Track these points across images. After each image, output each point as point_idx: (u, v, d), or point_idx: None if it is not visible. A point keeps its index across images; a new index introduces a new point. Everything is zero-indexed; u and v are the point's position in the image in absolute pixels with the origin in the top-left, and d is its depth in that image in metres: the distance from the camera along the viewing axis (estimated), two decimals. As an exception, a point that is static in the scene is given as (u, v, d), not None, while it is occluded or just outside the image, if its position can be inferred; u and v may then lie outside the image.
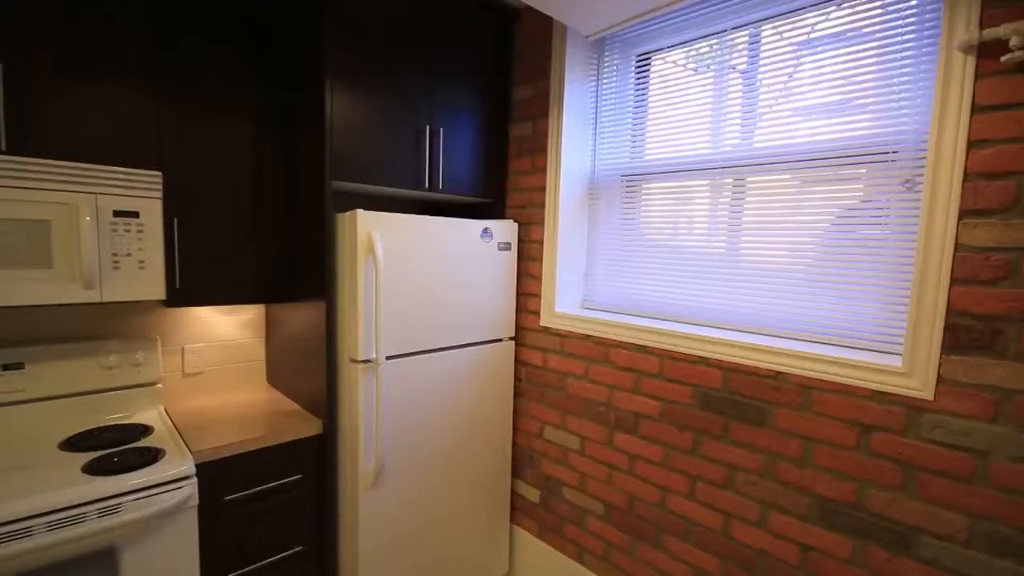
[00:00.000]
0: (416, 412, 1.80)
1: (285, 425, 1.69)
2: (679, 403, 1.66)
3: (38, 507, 1.21)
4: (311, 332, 1.77)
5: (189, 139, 1.62)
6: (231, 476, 1.55)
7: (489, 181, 2.10)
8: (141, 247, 1.50)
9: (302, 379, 1.86)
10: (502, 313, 2.06)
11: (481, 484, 2.06)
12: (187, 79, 1.61)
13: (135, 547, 1.35)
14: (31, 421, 1.59)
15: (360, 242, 1.59)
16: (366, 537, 1.70)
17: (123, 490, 1.31)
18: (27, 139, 1.34)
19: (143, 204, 1.50)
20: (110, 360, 1.70)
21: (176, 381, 1.94)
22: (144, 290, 1.52)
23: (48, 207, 1.36)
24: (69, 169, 1.38)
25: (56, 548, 1.24)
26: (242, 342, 2.08)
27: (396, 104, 1.77)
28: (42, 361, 1.59)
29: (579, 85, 1.98)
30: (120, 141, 1.49)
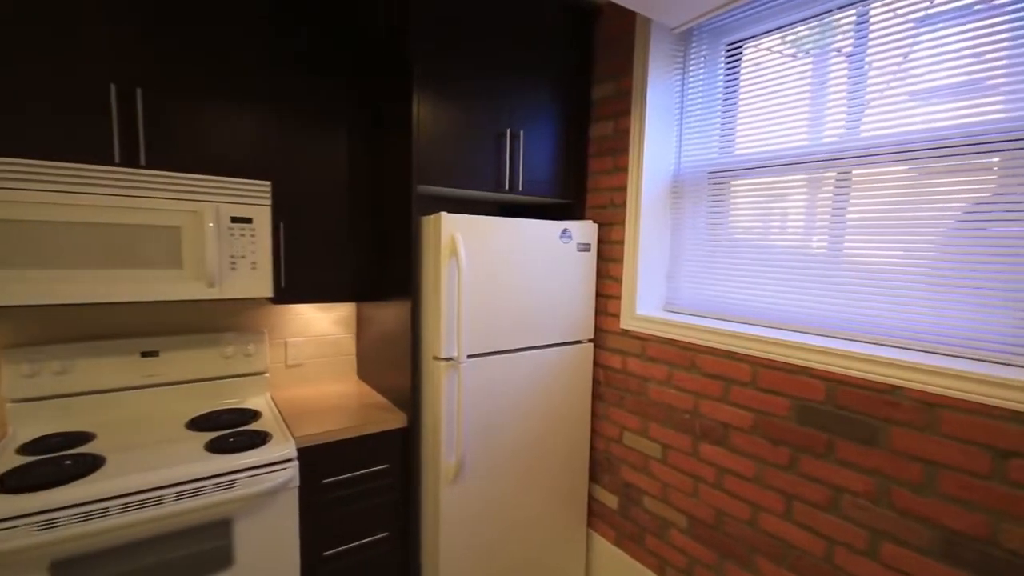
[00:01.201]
0: (495, 411, 1.83)
1: (374, 417, 1.79)
2: (774, 415, 1.54)
3: (170, 478, 1.38)
4: (398, 330, 1.86)
5: (293, 151, 1.77)
6: (327, 461, 1.67)
7: (568, 182, 2.09)
8: (253, 249, 1.66)
9: (389, 374, 1.97)
10: (581, 315, 2.04)
11: (558, 486, 2.05)
12: (292, 98, 1.76)
13: (246, 519, 1.49)
14: (164, 402, 1.82)
15: (444, 243, 1.64)
16: (447, 530, 1.76)
17: (238, 468, 1.46)
18: (162, 155, 1.54)
19: (255, 211, 1.66)
20: (227, 351, 1.90)
21: (280, 371, 2.12)
22: (255, 288, 1.68)
23: (179, 215, 1.55)
24: (197, 181, 1.56)
25: (182, 516, 1.40)
26: (336, 338, 2.24)
27: (478, 109, 1.81)
28: (173, 350, 1.81)
29: (663, 80, 1.91)
30: (237, 155, 1.65)
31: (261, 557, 1.53)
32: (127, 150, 1.47)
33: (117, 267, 1.46)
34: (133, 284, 1.49)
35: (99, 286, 1.45)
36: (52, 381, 1.62)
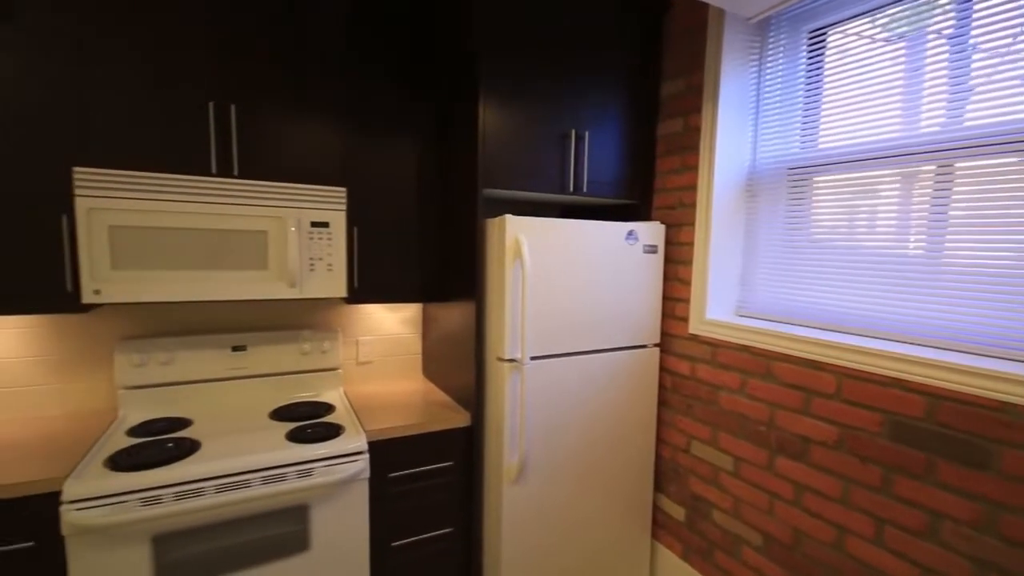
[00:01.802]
0: (558, 413, 1.82)
1: (438, 415, 1.84)
2: (863, 431, 1.42)
3: (256, 464, 1.48)
4: (462, 330, 1.90)
5: (366, 158, 1.86)
6: (394, 455, 1.73)
7: (634, 182, 2.04)
8: (330, 252, 1.76)
9: (453, 373, 2.01)
10: (647, 319, 1.99)
11: (621, 494, 2.00)
12: (364, 107, 1.84)
13: (321, 506, 1.58)
14: (250, 393, 1.96)
15: (508, 246, 1.66)
16: (509, 529, 1.77)
17: (315, 457, 1.55)
18: (251, 165, 1.66)
19: (332, 216, 1.75)
20: (304, 347, 2.02)
21: (351, 368, 2.23)
22: (332, 289, 1.78)
23: (266, 220, 1.67)
24: (281, 189, 1.67)
25: (266, 500, 1.50)
26: (403, 337, 2.32)
27: (542, 111, 1.81)
28: (258, 345, 1.95)
29: (737, 73, 1.83)
30: (315, 163, 1.76)
31: (334, 543, 1.61)
32: (223, 162, 1.61)
33: (213, 268, 1.60)
34: (226, 284, 1.62)
35: (199, 285, 1.59)
36: (158, 371, 1.80)
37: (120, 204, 1.47)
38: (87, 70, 1.45)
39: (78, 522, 1.28)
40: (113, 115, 1.48)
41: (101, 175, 1.45)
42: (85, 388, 1.80)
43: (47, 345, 1.73)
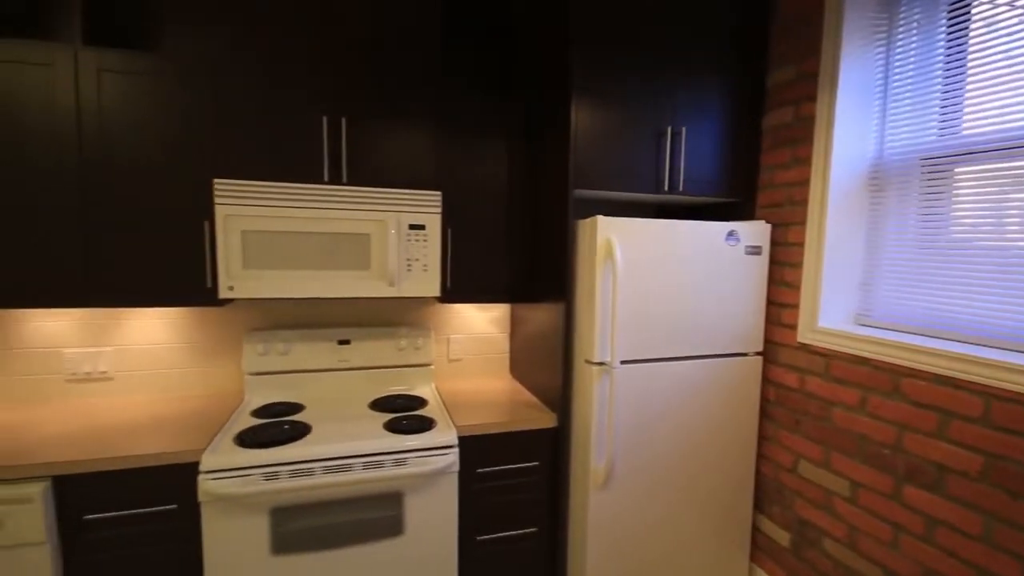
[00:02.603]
0: (648, 420, 1.76)
1: (525, 415, 1.85)
2: (1017, 462, 1.21)
3: (358, 449, 1.60)
4: (550, 331, 1.90)
5: (459, 162, 1.92)
6: (482, 451, 1.77)
7: (735, 179, 1.92)
8: (425, 253, 1.85)
9: (540, 374, 2.02)
10: (748, 325, 1.85)
11: (716, 510, 1.89)
12: (458, 113, 1.90)
13: (414, 495, 1.66)
14: (352, 384, 2.11)
15: (599, 247, 1.63)
16: (594, 535, 1.74)
17: (410, 447, 1.64)
18: (357, 173, 1.79)
19: (428, 219, 1.84)
20: (401, 343, 2.14)
21: (442, 365, 2.32)
22: (426, 288, 1.87)
23: (369, 223, 1.79)
24: (383, 194, 1.78)
25: (365, 484, 1.61)
26: (491, 336, 2.37)
27: (637, 108, 1.76)
28: (361, 339, 2.10)
29: (860, 55, 1.64)
30: (413, 169, 1.85)
31: (426, 531, 1.68)
32: (333, 170, 1.75)
33: (324, 268, 1.75)
34: (335, 282, 1.77)
35: (313, 283, 1.74)
36: (277, 360, 2.00)
37: (250, 211, 1.66)
38: (221, 93, 1.65)
39: (212, 490, 1.46)
40: (243, 131, 1.67)
41: (236, 185, 1.64)
42: (219, 372, 2.04)
43: (191, 334, 2.00)
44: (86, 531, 1.44)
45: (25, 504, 1.36)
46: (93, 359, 1.90)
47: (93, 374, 1.90)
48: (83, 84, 1.54)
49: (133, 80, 1.58)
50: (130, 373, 1.94)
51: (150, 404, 1.88)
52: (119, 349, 1.93)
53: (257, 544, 1.53)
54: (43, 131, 1.52)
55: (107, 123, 1.57)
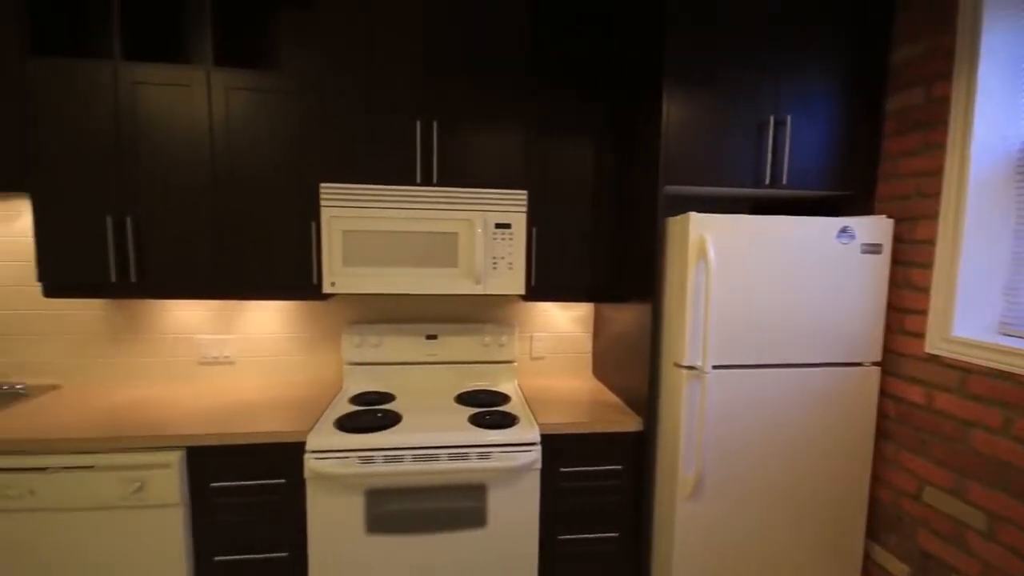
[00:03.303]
0: (744, 430, 1.64)
1: (608, 416, 1.81)
2: None
3: (445, 441, 1.65)
4: (636, 332, 1.84)
5: (545, 161, 1.92)
6: (565, 451, 1.76)
7: (850, 170, 1.73)
8: (511, 252, 1.87)
9: (625, 376, 1.96)
10: (863, 332, 1.67)
11: (821, 535, 1.73)
12: (544, 112, 1.90)
13: (497, 488, 1.69)
14: (439, 378, 2.20)
15: (691, 245, 1.55)
16: (682, 548, 1.66)
17: (494, 442, 1.67)
18: (447, 174, 1.85)
19: (514, 218, 1.86)
20: (485, 339, 2.18)
21: (525, 362, 2.34)
22: (511, 286, 1.89)
23: (457, 223, 1.84)
24: (471, 194, 1.83)
25: (451, 474, 1.66)
26: (574, 335, 2.35)
27: (735, 99, 1.65)
28: (447, 335, 2.18)
29: (1005, 25, 1.42)
30: (500, 168, 1.88)
31: (507, 525, 1.71)
32: (425, 172, 1.83)
33: (415, 266, 1.83)
34: (424, 279, 1.84)
35: (404, 280, 1.83)
36: (371, 352, 2.13)
37: (351, 212, 1.78)
38: (327, 104, 1.78)
39: (315, 469, 1.59)
40: (346, 138, 1.79)
41: (339, 189, 1.77)
42: (322, 361, 2.22)
43: (298, 325, 2.19)
44: (212, 497, 1.63)
45: (164, 469, 1.57)
46: (219, 345, 2.14)
47: (219, 358, 2.15)
48: (215, 101, 1.73)
49: (255, 96, 1.76)
50: (249, 359, 2.17)
51: (264, 387, 2.09)
52: (240, 337, 2.16)
53: (353, 522, 1.64)
54: (185, 143, 1.74)
55: (233, 135, 1.76)
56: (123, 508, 1.57)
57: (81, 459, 1.54)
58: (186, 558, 1.61)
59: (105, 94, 1.69)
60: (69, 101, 1.68)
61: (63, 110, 1.68)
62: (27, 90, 1.66)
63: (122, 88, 1.69)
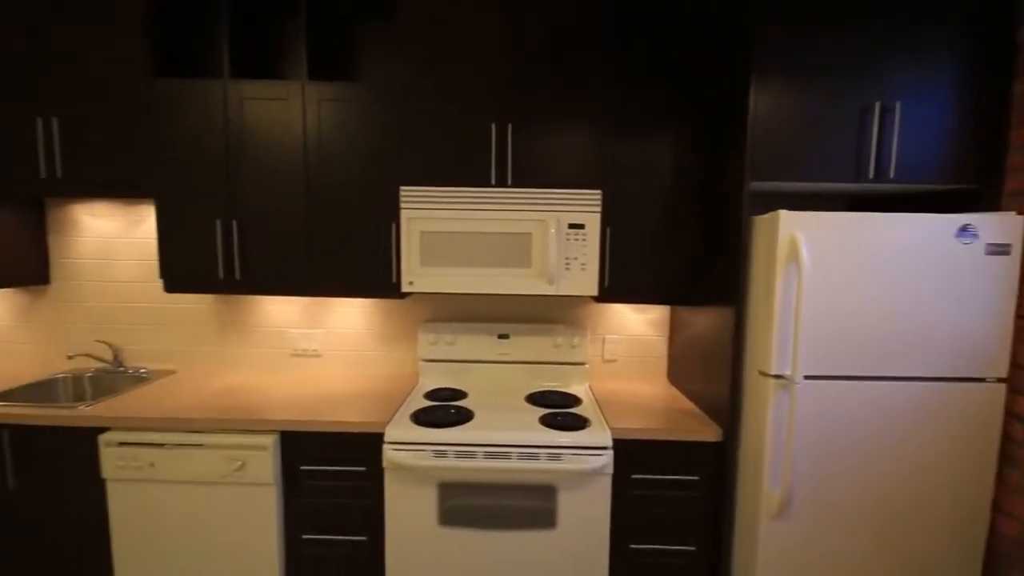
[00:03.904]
0: (839, 449, 1.51)
1: (684, 424, 1.74)
2: None
3: (516, 440, 1.67)
4: (716, 338, 1.75)
5: (621, 160, 1.88)
6: (637, 457, 1.71)
7: (971, 161, 1.55)
8: (584, 252, 1.85)
9: (703, 383, 1.87)
10: (986, 343, 1.48)
11: (927, 568, 1.55)
12: (621, 110, 1.86)
13: (567, 491, 1.68)
14: (510, 377, 2.22)
15: (781, 245, 1.45)
16: (765, 569, 1.56)
17: (565, 444, 1.66)
18: (522, 175, 1.87)
19: (587, 218, 1.84)
20: (557, 340, 2.18)
21: (596, 364, 2.30)
22: (584, 287, 1.87)
23: (531, 223, 1.85)
24: (545, 194, 1.83)
25: (521, 473, 1.67)
26: (648, 339, 2.28)
27: (833, 84, 1.53)
28: (519, 335, 2.19)
29: None
30: (574, 168, 1.87)
31: (577, 528, 1.69)
32: (500, 173, 1.86)
33: (489, 266, 1.86)
34: (498, 279, 1.87)
35: (479, 280, 1.87)
36: (445, 349, 2.20)
37: (428, 214, 1.84)
38: (407, 110, 1.85)
39: (392, 459, 1.66)
40: (424, 142, 1.86)
41: (417, 191, 1.84)
42: (397, 356, 2.32)
43: (378, 322, 2.30)
44: (301, 479, 1.75)
45: (261, 451, 1.71)
46: (308, 339, 2.30)
47: (308, 351, 2.31)
48: (308, 112, 1.87)
49: (342, 106, 1.87)
50: (333, 352, 2.31)
51: (346, 379, 2.22)
52: (326, 332, 2.30)
53: (427, 513, 1.69)
54: (282, 152, 1.89)
55: (323, 143, 1.88)
56: (226, 484, 1.73)
57: (192, 438, 1.72)
58: (278, 533, 1.75)
59: (216, 109, 1.87)
60: (186, 117, 1.88)
61: (181, 125, 1.88)
62: (152, 108, 1.88)
63: (231, 104, 1.87)
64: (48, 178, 1.92)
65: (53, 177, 1.92)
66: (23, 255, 2.17)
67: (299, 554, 1.77)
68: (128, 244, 2.26)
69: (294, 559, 1.78)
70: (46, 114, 1.89)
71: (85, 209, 2.26)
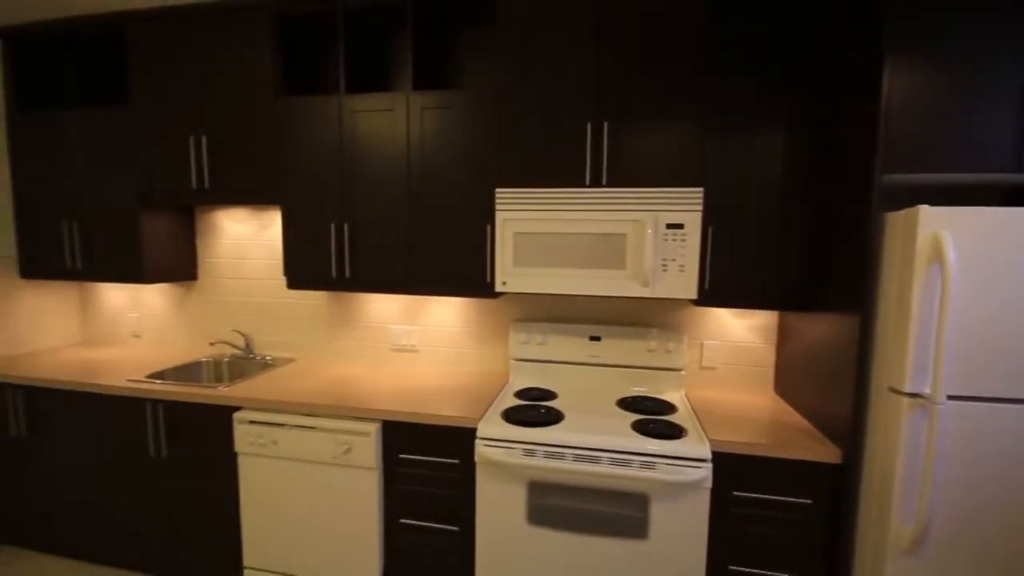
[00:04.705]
0: (991, 482, 1.29)
1: (795, 441, 1.59)
2: None
3: (607, 444, 1.63)
4: (835, 347, 1.58)
5: (724, 155, 1.77)
6: (739, 473, 1.60)
7: None
8: (683, 253, 1.76)
9: (817, 397, 1.70)
10: None
11: (1120, 637, 1.27)
12: (726, 103, 1.74)
13: (661, 501, 1.61)
14: (601, 380, 2.17)
15: (921, 245, 1.27)
16: (893, 611, 1.37)
17: (659, 452, 1.59)
18: (617, 174, 1.82)
19: (687, 217, 1.75)
20: (650, 344, 2.10)
21: (693, 371, 2.18)
22: (681, 290, 1.78)
23: (626, 223, 1.80)
24: (642, 194, 1.77)
25: (610, 478, 1.63)
26: (752, 346, 2.12)
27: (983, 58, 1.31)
28: (611, 337, 2.14)
29: None
30: (673, 166, 1.78)
31: (671, 542, 1.61)
32: (595, 173, 1.83)
33: (582, 267, 1.84)
34: (591, 281, 1.84)
35: (571, 281, 1.86)
36: (535, 349, 2.21)
37: (522, 215, 1.87)
38: (503, 115, 1.89)
39: (484, 454, 1.70)
40: (517, 146, 1.89)
41: (512, 193, 1.87)
42: (490, 354, 2.37)
43: (471, 320, 2.37)
44: (399, 466, 1.85)
45: (365, 437, 1.84)
46: (407, 334, 2.44)
47: (407, 346, 2.44)
48: (412, 121, 1.98)
49: (443, 113, 1.95)
50: (430, 348, 2.43)
51: (441, 375, 2.31)
52: (423, 329, 2.42)
53: (516, 510, 1.71)
54: (388, 159, 2.02)
55: (424, 149, 1.98)
56: (335, 465, 1.88)
57: (308, 420, 1.89)
58: (378, 515, 1.87)
59: (332, 123, 2.05)
60: (307, 130, 2.08)
61: (302, 137, 2.08)
62: (279, 124, 2.10)
63: (345, 116, 2.03)
64: (198, 188, 2.22)
65: (202, 188, 2.21)
66: (178, 255, 2.53)
67: (396, 536, 1.88)
68: (258, 245, 2.55)
69: (392, 540, 1.89)
70: (197, 134, 2.19)
71: (225, 215, 2.58)
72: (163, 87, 2.21)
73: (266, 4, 2.06)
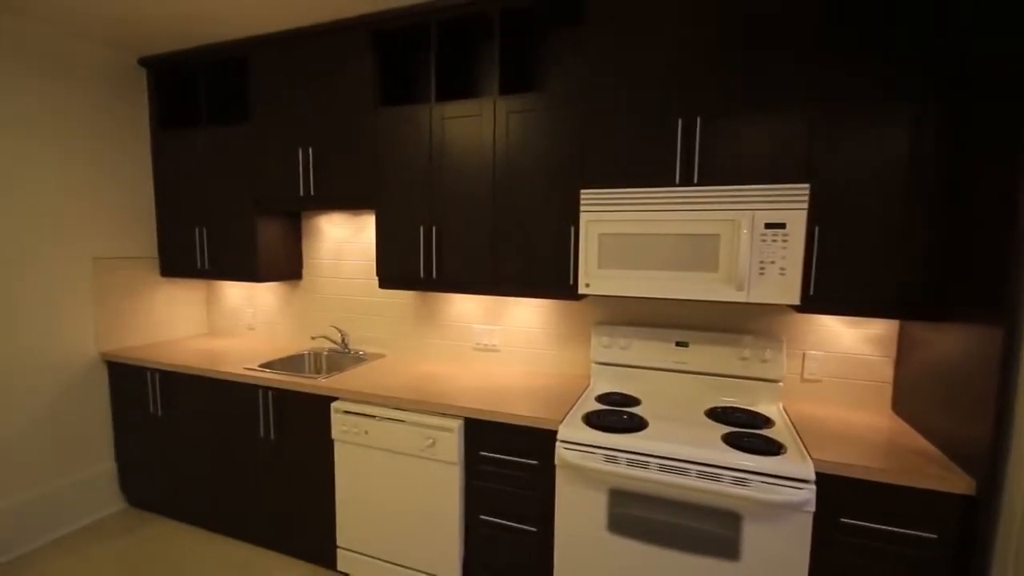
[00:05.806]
0: None
1: (918, 467, 1.41)
2: None
3: (695, 456, 1.55)
4: (971, 362, 1.38)
5: (834, 148, 1.61)
6: (848, 498, 1.45)
7: None
8: (784, 255, 1.63)
9: (946, 418, 1.50)
10: None
11: None
12: (832, 93, 1.59)
13: (755, 523, 1.50)
14: (687, 387, 2.07)
15: (1087, 246, 1.08)
16: (1046, 675, 1.17)
17: (753, 469, 1.48)
18: (709, 172, 1.72)
19: (789, 216, 1.62)
20: (744, 352, 1.96)
21: (793, 383, 2.01)
22: (781, 294, 1.65)
23: (719, 224, 1.70)
24: (736, 192, 1.67)
25: (698, 493, 1.55)
26: (866, 358, 1.91)
27: None
28: (700, 344, 2.04)
29: None
30: (774, 162, 1.65)
31: (767, 567, 1.49)
32: (685, 172, 1.75)
33: (670, 269, 1.77)
34: (680, 284, 1.76)
35: (658, 284, 1.79)
36: (618, 353, 2.15)
37: (607, 216, 1.83)
38: (588, 114, 1.86)
39: (564, 457, 1.69)
40: (602, 146, 1.85)
41: (597, 194, 1.84)
42: (571, 357, 2.35)
43: (553, 321, 2.37)
44: (480, 463, 1.89)
45: (448, 432, 1.90)
46: (489, 334, 2.49)
47: (488, 346, 2.49)
48: (498, 125, 2.02)
49: (528, 116, 1.97)
50: (510, 348, 2.46)
51: (521, 375, 2.33)
52: (505, 328, 2.46)
53: (596, 516, 1.68)
54: (473, 163, 2.08)
55: (509, 153, 2.01)
56: (420, 458, 1.96)
57: (396, 413, 1.99)
58: (459, 509, 1.92)
59: (423, 130, 2.14)
60: (401, 138, 2.19)
61: (397, 145, 2.20)
62: (376, 133, 2.23)
63: (435, 124, 2.12)
64: (304, 195, 2.42)
65: (308, 194, 2.41)
66: (286, 257, 2.78)
67: (476, 531, 1.92)
68: (353, 247, 2.73)
69: (472, 535, 1.93)
70: (305, 145, 2.40)
71: (326, 219, 2.79)
72: (276, 104, 2.44)
73: (364, 21, 2.20)
